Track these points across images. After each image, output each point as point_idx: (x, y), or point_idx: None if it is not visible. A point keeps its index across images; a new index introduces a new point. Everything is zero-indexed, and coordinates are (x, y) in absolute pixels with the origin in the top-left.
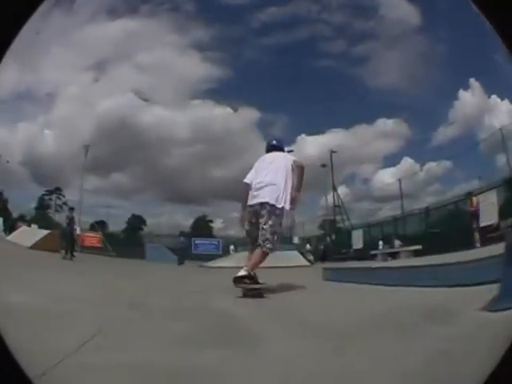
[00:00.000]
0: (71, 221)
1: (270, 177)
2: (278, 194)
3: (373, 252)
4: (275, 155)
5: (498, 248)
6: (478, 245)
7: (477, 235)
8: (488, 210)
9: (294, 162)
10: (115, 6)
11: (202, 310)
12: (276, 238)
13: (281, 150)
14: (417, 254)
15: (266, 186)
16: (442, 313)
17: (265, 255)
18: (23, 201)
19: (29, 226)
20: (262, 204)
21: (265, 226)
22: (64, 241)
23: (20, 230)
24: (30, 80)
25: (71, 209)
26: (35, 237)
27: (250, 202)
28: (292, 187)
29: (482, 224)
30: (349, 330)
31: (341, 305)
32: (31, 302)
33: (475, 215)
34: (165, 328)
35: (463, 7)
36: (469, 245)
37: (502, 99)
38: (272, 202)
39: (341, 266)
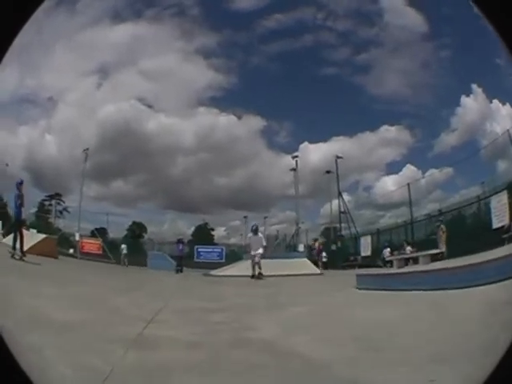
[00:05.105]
0: (18, 200)
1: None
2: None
3: (388, 258)
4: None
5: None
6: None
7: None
8: (500, 212)
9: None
10: (119, 8)
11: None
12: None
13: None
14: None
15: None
16: None
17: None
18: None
19: (27, 230)
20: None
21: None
22: (12, 230)
23: None
24: (32, 83)
25: (20, 183)
26: (32, 241)
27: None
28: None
29: (495, 226)
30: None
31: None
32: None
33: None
34: None
35: (464, 11)
36: (483, 247)
37: (504, 104)
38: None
39: (383, 272)
